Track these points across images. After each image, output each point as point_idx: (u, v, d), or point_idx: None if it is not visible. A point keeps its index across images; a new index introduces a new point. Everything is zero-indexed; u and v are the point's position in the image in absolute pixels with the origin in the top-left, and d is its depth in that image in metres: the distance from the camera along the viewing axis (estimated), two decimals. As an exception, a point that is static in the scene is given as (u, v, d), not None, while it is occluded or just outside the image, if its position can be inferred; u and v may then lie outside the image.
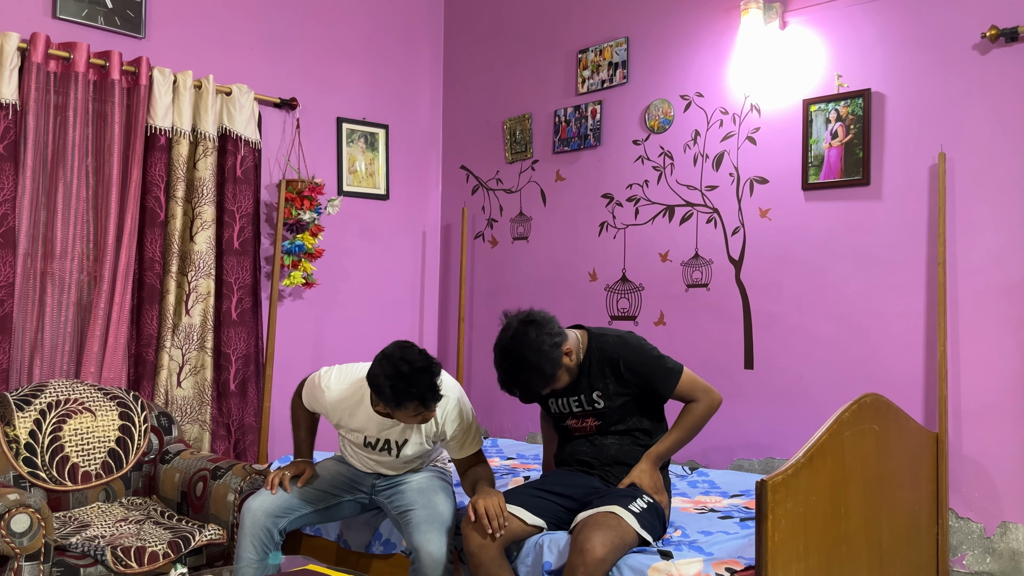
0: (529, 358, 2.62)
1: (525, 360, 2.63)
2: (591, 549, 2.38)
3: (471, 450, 2.87)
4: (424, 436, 2.86)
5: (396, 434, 2.85)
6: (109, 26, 3.89)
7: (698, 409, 2.74)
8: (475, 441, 2.88)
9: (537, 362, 2.62)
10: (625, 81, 4.23)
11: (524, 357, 2.63)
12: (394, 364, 2.59)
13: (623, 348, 2.77)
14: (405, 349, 2.65)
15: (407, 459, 2.92)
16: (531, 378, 2.64)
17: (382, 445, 2.88)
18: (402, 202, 4.96)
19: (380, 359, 2.64)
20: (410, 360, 2.60)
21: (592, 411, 2.78)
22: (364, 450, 2.94)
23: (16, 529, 2.79)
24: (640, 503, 2.58)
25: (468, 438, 2.87)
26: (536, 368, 2.63)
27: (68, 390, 3.38)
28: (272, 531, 2.86)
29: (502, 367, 2.70)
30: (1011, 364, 3.08)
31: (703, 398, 2.74)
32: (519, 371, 2.65)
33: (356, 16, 4.77)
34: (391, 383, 2.58)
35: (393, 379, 2.58)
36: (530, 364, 2.62)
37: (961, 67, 3.21)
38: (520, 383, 2.68)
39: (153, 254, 3.89)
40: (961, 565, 3.14)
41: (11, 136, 3.54)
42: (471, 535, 2.56)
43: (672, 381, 2.73)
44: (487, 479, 2.79)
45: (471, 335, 4.85)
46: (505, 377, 2.70)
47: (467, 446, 2.87)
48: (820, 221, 3.57)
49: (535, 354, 2.62)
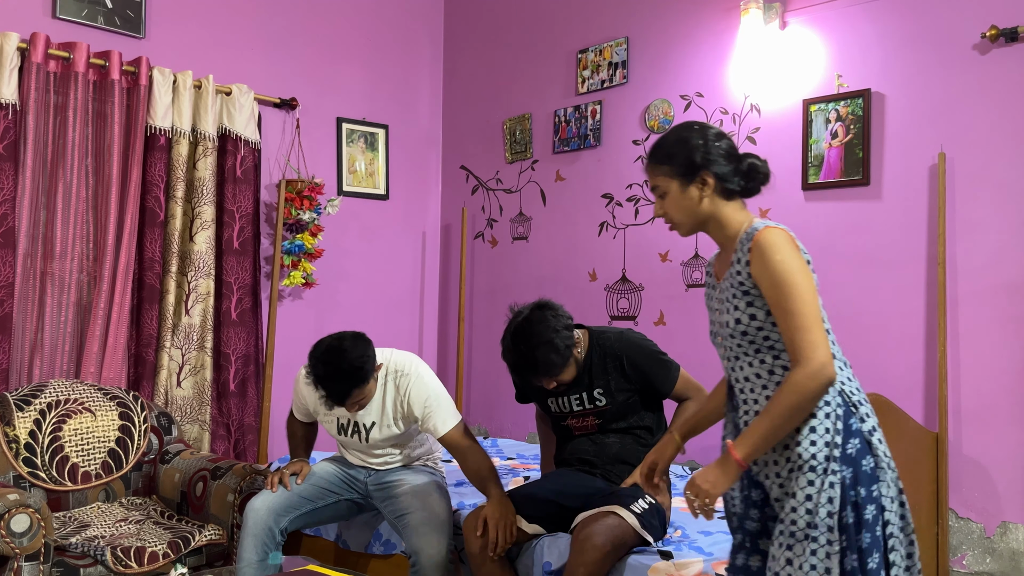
0: (544, 336, 2.61)
1: (540, 338, 2.61)
2: (592, 549, 2.38)
3: (450, 425, 2.82)
4: (391, 419, 2.89)
5: (360, 416, 2.91)
6: (109, 26, 3.89)
7: (693, 407, 2.74)
8: (451, 415, 2.84)
9: (552, 340, 2.61)
10: (625, 81, 4.23)
11: (539, 335, 2.61)
12: (312, 365, 2.74)
13: (626, 344, 2.77)
14: (327, 351, 2.74)
15: (376, 442, 2.95)
16: (548, 356, 2.60)
17: (352, 429, 2.95)
18: (402, 202, 4.96)
19: (314, 352, 2.77)
20: (325, 362, 2.71)
21: (593, 409, 2.77)
22: (340, 437, 3.01)
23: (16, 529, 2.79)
24: (642, 503, 2.57)
25: (441, 414, 2.83)
26: (551, 345, 2.60)
27: (68, 390, 3.38)
28: (274, 530, 2.87)
29: (515, 348, 2.65)
30: (1011, 364, 3.08)
31: (696, 396, 2.76)
32: (534, 348, 2.61)
33: (356, 16, 4.77)
34: (317, 384, 2.73)
35: (317, 380, 2.73)
36: (545, 342, 2.60)
37: (961, 67, 3.21)
38: (533, 363, 2.62)
39: (153, 254, 3.89)
40: (961, 565, 3.14)
41: (11, 136, 3.54)
42: (472, 537, 2.55)
43: (673, 378, 2.75)
44: (490, 474, 2.75)
45: (471, 335, 4.85)
46: (517, 359, 2.65)
47: (445, 423, 2.82)
48: (820, 221, 3.56)
49: (550, 332, 2.61)
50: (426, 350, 5.03)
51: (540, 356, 2.61)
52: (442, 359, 5.06)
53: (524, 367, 2.65)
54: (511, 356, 2.67)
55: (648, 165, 1.99)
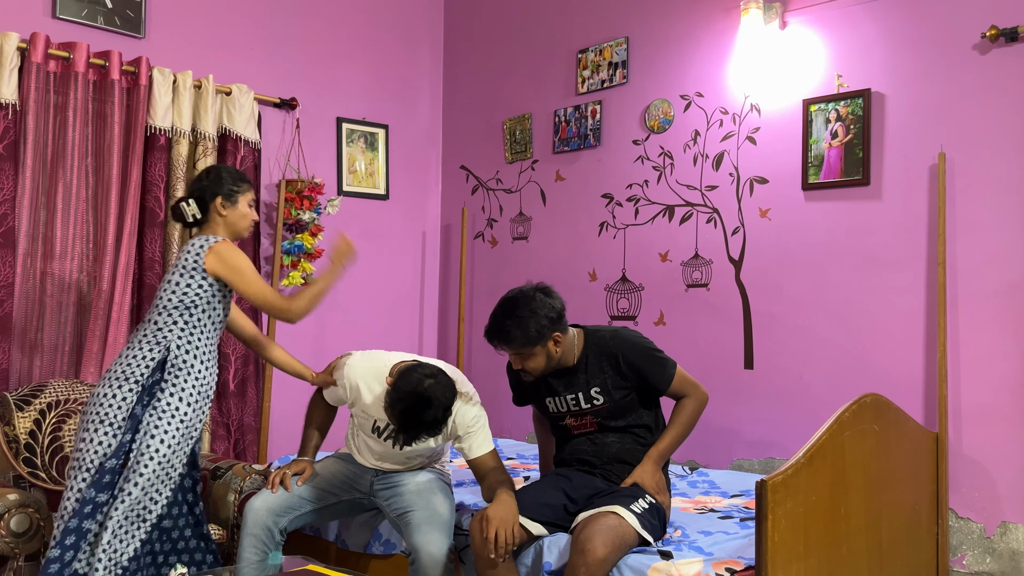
0: (521, 312, 2.66)
1: (517, 312, 2.67)
2: (592, 549, 2.38)
3: (485, 450, 2.82)
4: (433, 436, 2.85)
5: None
6: (109, 26, 3.89)
7: (691, 405, 2.78)
8: (488, 440, 2.85)
9: (526, 319, 2.65)
10: (625, 81, 4.23)
11: (516, 308, 2.68)
12: (394, 396, 2.60)
13: (621, 342, 2.78)
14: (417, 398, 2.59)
15: (410, 454, 2.91)
16: (512, 329, 2.66)
17: (389, 434, 2.87)
18: (402, 202, 4.96)
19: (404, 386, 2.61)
20: (410, 405, 2.58)
21: (591, 408, 2.78)
22: (371, 436, 2.93)
23: (16, 529, 2.79)
24: (642, 503, 2.58)
25: (480, 437, 2.83)
26: (521, 322, 2.65)
27: (68, 390, 3.38)
28: (273, 530, 2.87)
29: (493, 312, 2.73)
30: (1011, 364, 3.08)
31: (693, 393, 2.78)
32: (505, 318, 2.68)
33: (356, 16, 4.77)
34: (400, 418, 2.60)
35: (401, 415, 2.59)
36: (519, 317, 2.65)
37: (961, 67, 3.21)
38: (501, 331, 2.69)
39: (153, 254, 3.89)
40: (961, 565, 3.14)
41: (11, 136, 3.54)
42: (479, 538, 2.54)
43: (669, 375, 2.76)
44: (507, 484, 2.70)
45: (471, 335, 4.85)
46: (491, 323, 2.72)
47: (481, 447, 2.82)
48: (820, 221, 3.57)
49: (528, 312, 2.66)
50: (426, 350, 5.03)
51: (507, 326, 2.67)
52: (442, 359, 5.05)
53: (491, 329, 2.72)
54: (489, 320, 2.74)
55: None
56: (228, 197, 2.92)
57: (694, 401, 2.77)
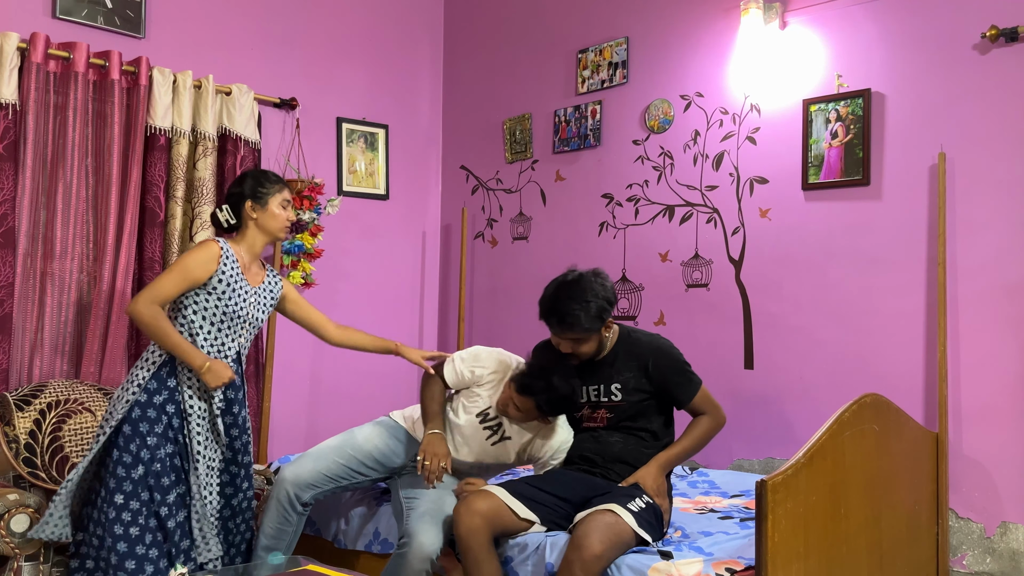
0: (585, 296, 2.69)
1: (581, 296, 2.69)
2: (588, 546, 2.40)
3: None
4: (522, 447, 2.96)
5: (507, 424, 2.95)
6: (109, 26, 3.89)
7: (707, 423, 2.82)
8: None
9: (589, 301, 2.68)
10: (625, 81, 4.23)
11: (582, 294, 2.69)
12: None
13: (655, 348, 2.84)
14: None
15: (493, 451, 2.98)
16: (578, 313, 2.67)
17: (493, 424, 2.96)
18: (402, 202, 4.96)
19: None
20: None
21: (608, 403, 2.82)
22: (474, 420, 2.98)
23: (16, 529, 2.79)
24: (639, 502, 2.59)
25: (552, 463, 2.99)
26: (586, 305, 2.67)
27: (68, 390, 3.38)
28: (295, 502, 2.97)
29: (554, 295, 2.74)
30: (1011, 364, 3.08)
31: (712, 413, 2.82)
32: (571, 299, 2.68)
33: (356, 16, 4.77)
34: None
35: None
36: (583, 300, 2.68)
37: (961, 67, 3.21)
38: (562, 313, 2.69)
39: (153, 254, 3.89)
40: (961, 565, 3.14)
41: (11, 136, 3.54)
42: (461, 519, 2.58)
43: (692, 391, 2.80)
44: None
45: (471, 335, 4.85)
46: (551, 304, 2.72)
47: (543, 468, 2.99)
48: (820, 221, 3.57)
49: (591, 295, 2.70)
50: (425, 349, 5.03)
51: (572, 309, 2.68)
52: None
53: (552, 312, 2.72)
54: (547, 303, 2.74)
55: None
56: (257, 199, 2.95)
57: (711, 420, 2.82)
